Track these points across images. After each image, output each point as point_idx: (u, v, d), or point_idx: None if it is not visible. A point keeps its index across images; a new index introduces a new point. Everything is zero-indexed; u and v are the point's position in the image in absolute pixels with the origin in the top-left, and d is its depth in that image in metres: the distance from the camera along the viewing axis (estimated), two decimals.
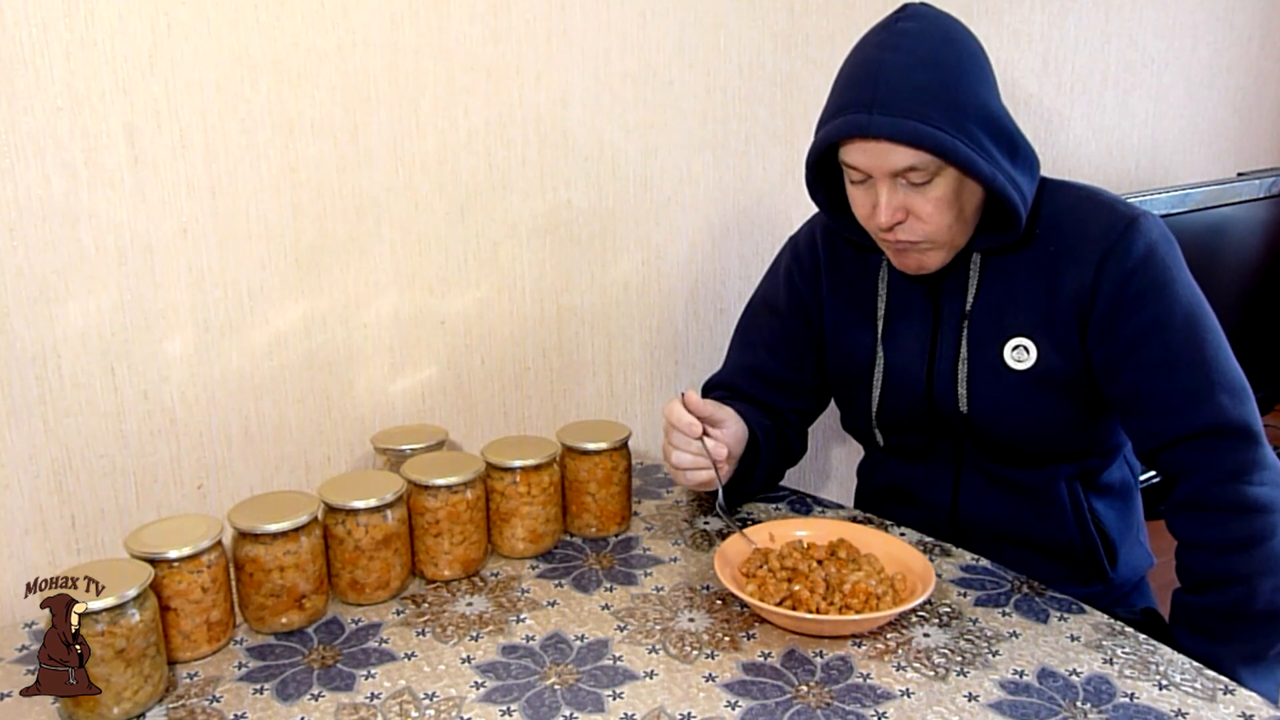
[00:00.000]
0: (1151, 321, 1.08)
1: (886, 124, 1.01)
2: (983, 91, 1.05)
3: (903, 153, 1.02)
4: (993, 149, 1.05)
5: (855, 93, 1.05)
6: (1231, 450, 1.07)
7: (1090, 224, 1.11)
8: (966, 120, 1.03)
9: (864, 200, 1.09)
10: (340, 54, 1.21)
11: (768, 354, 1.30)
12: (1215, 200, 1.84)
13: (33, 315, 1.08)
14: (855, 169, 1.07)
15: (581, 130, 1.42)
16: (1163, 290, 1.09)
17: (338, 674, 0.96)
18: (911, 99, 1.01)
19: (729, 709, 0.89)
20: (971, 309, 1.15)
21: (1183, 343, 1.08)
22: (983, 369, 1.15)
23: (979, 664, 0.96)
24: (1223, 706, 0.88)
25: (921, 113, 1.01)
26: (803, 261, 1.29)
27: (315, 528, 1.05)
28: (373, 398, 1.32)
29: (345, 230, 1.26)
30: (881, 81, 1.03)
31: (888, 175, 1.05)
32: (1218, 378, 1.09)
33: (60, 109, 1.06)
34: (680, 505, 1.33)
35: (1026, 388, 1.13)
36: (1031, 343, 1.13)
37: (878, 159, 1.04)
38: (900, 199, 1.06)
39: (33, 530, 1.12)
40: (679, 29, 1.48)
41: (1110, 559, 1.22)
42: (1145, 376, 1.09)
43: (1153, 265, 1.09)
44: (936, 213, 1.06)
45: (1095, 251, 1.09)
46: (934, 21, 1.06)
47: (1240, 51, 2.41)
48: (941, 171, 1.04)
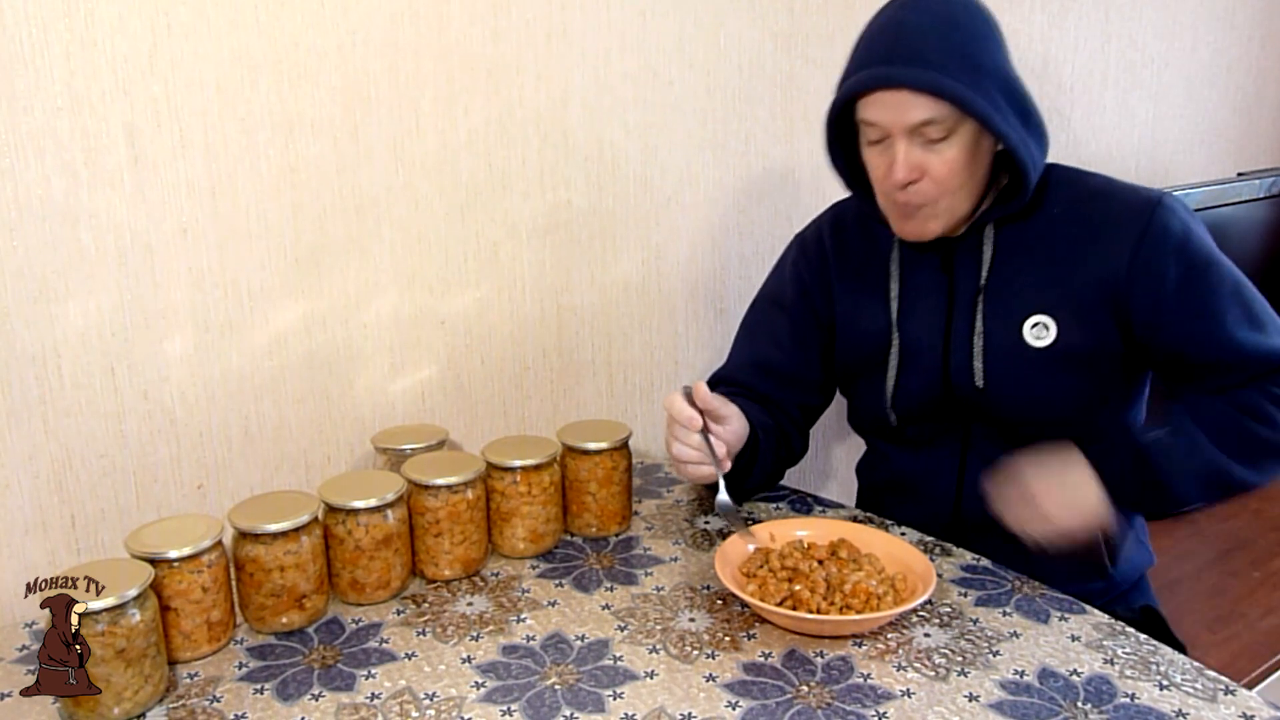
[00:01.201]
0: (1208, 292, 1.11)
1: (908, 74, 1.03)
2: (999, 56, 1.08)
3: (923, 104, 1.04)
4: (1006, 108, 1.07)
5: (877, 48, 1.07)
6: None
7: (1114, 205, 1.13)
8: (984, 79, 1.05)
9: (880, 160, 1.11)
10: (340, 54, 1.21)
11: (773, 348, 1.30)
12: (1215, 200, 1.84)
13: (33, 315, 1.08)
14: (874, 125, 1.08)
15: (581, 130, 1.42)
16: (1209, 267, 1.12)
17: (338, 674, 0.96)
18: (932, 51, 1.04)
19: (729, 709, 0.89)
20: (986, 283, 1.16)
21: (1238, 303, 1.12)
22: (1001, 345, 1.16)
23: (980, 664, 0.96)
24: (1223, 707, 0.88)
25: (941, 64, 1.03)
26: (809, 254, 1.30)
27: (315, 528, 1.05)
28: (373, 398, 1.32)
29: (345, 230, 1.26)
30: (903, 36, 1.05)
31: (905, 130, 1.06)
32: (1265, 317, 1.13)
33: (60, 109, 1.05)
34: (681, 505, 1.33)
35: (1046, 365, 1.14)
36: (1052, 320, 1.14)
37: (898, 112, 1.06)
38: (917, 157, 1.08)
39: (33, 530, 1.12)
40: (679, 29, 1.48)
41: (1111, 555, 1.22)
42: (1220, 338, 1.11)
43: (1192, 244, 1.11)
44: (950, 174, 1.08)
45: (1126, 234, 1.11)
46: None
47: (1240, 51, 2.41)
48: (958, 129, 1.06)
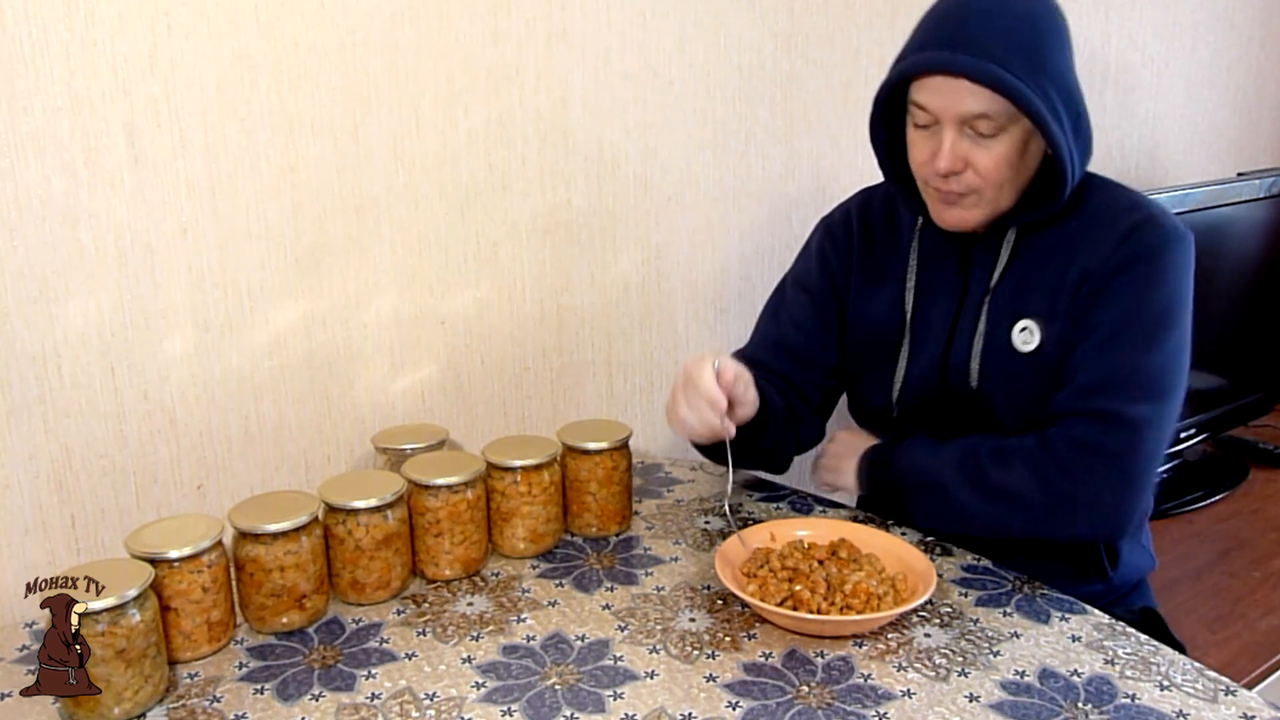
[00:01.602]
0: (1119, 313, 1.09)
1: (969, 63, 1.01)
2: (1063, 57, 1.06)
3: (980, 96, 1.02)
4: (1063, 114, 1.05)
5: (940, 30, 1.05)
6: (1102, 430, 1.07)
7: (1118, 216, 1.12)
8: (1044, 79, 1.03)
9: (925, 145, 1.09)
10: (340, 54, 1.21)
11: (796, 330, 1.30)
12: (1215, 200, 1.84)
13: (33, 315, 1.08)
14: (924, 109, 1.07)
15: (581, 130, 1.42)
16: (1145, 288, 1.09)
17: (338, 674, 0.96)
18: (997, 44, 1.01)
19: (730, 709, 0.89)
20: (996, 285, 1.16)
21: (1133, 340, 1.08)
22: (994, 347, 1.15)
23: (980, 664, 0.96)
24: (1224, 707, 0.88)
25: (1005, 59, 1.01)
26: (836, 237, 1.29)
27: (316, 528, 1.05)
28: (373, 397, 1.32)
29: (345, 230, 1.26)
30: (969, 22, 1.03)
31: (956, 120, 1.05)
32: (1142, 378, 1.08)
33: (60, 109, 1.05)
34: (681, 505, 1.33)
35: (1032, 369, 1.14)
36: (1037, 325, 1.13)
37: (952, 100, 1.04)
38: (964, 148, 1.06)
39: (33, 530, 1.12)
40: (679, 29, 1.48)
41: (1110, 558, 1.22)
42: (1081, 355, 1.10)
43: (1148, 262, 1.09)
44: (995, 169, 1.06)
45: (1108, 240, 1.10)
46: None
47: (1240, 51, 2.41)
48: (1009, 126, 1.04)
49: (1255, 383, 2.06)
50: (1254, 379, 2.06)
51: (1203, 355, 1.96)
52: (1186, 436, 1.89)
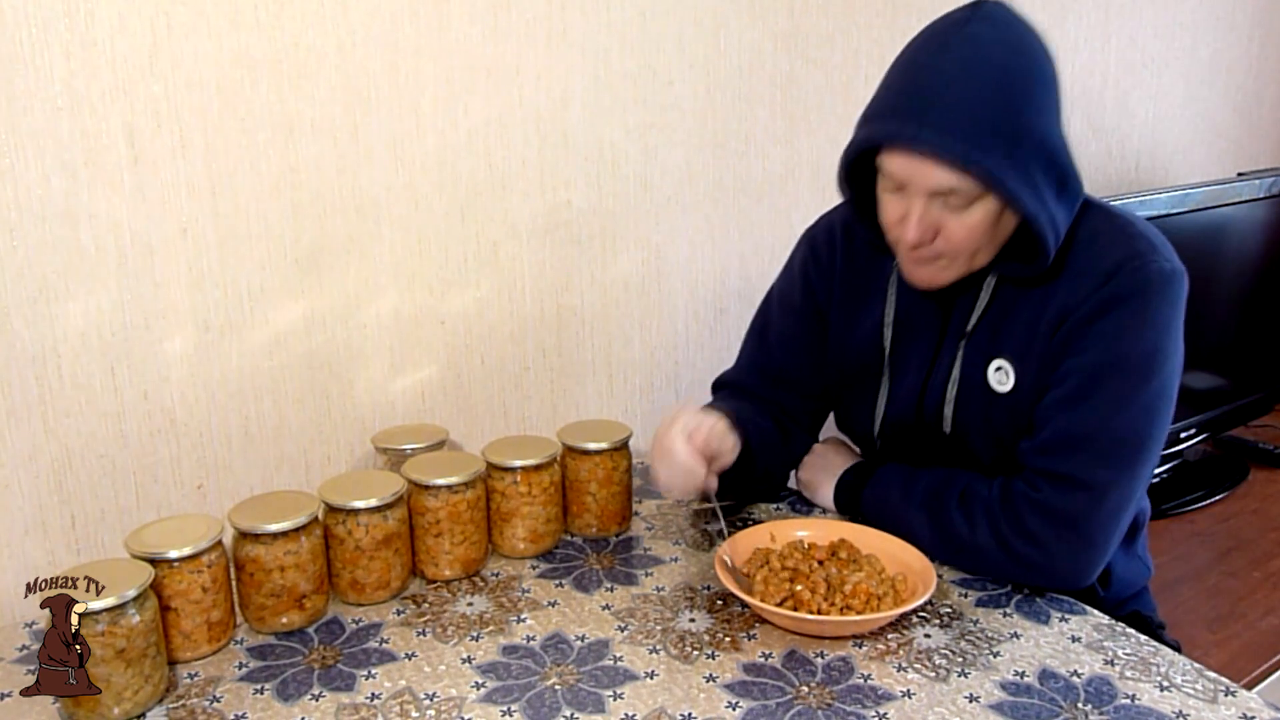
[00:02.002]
0: (1093, 361, 1.03)
1: (936, 141, 0.95)
2: (1044, 118, 0.98)
3: (947, 174, 0.96)
4: (1042, 182, 0.98)
5: (908, 97, 0.98)
6: (1061, 494, 1.03)
7: (1103, 252, 1.05)
8: (1021, 149, 0.96)
9: (894, 208, 1.03)
10: (340, 54, 1.21)
11: (783, 353, 1.28)
12: (1215, 200, 1.84)
13: (33, 315, 1.08)
14: (892, 177, 1.01)
15: (581, 130, 1.42)
16: (1124, 334, 1.03)
17: (338, 674, 0.96)
18: (968, 117, 0.94)
19: (730, 709, 0.89)
20: (973, 329, 1.12)
21: (1104, 394, 1.03)
22: (970, 389, 1.12)
23: (980, 665, 0.96)
24: (1224, 708, 0.88)
25: (975, 135, 0.94)
26: (819, 253, 1.25)
27: (316, 528, 1.05)
28: (373, 398, 1.32)
29: (345, 230, 1.26)
30: (940, 91, 0.96)
31: (924, 192, 0.99)
32: (1107, 441, 1.03)
33: (60, 109, 1.05)
34: (681, 505, 1.33)
35: (1008, 410, 1.10)
36: (1011, 366, 1.09)
37: (919, 173, 0.98)
38: (934, 217, 1.00)
39: (33, 530, 1.12)
40: (679, 29, 1.48)
41: (1102, 579, 1.18)
42: (1050, 407, 1.05)
43: (1129, 305, 1.02)
44: (968, 238, 1.01)
45: (1090, 279, 1.04)
46: (1009, 28, 0.98)
47: (1240, 51, 2.41)
48: (982, 198, 0.98)
49: (1255, 383, 2.06)
50: (1254, 379, 2.06)
51: (1203, 355, 1.97)
52: (1186, 436, 1.89)
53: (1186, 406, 1.90)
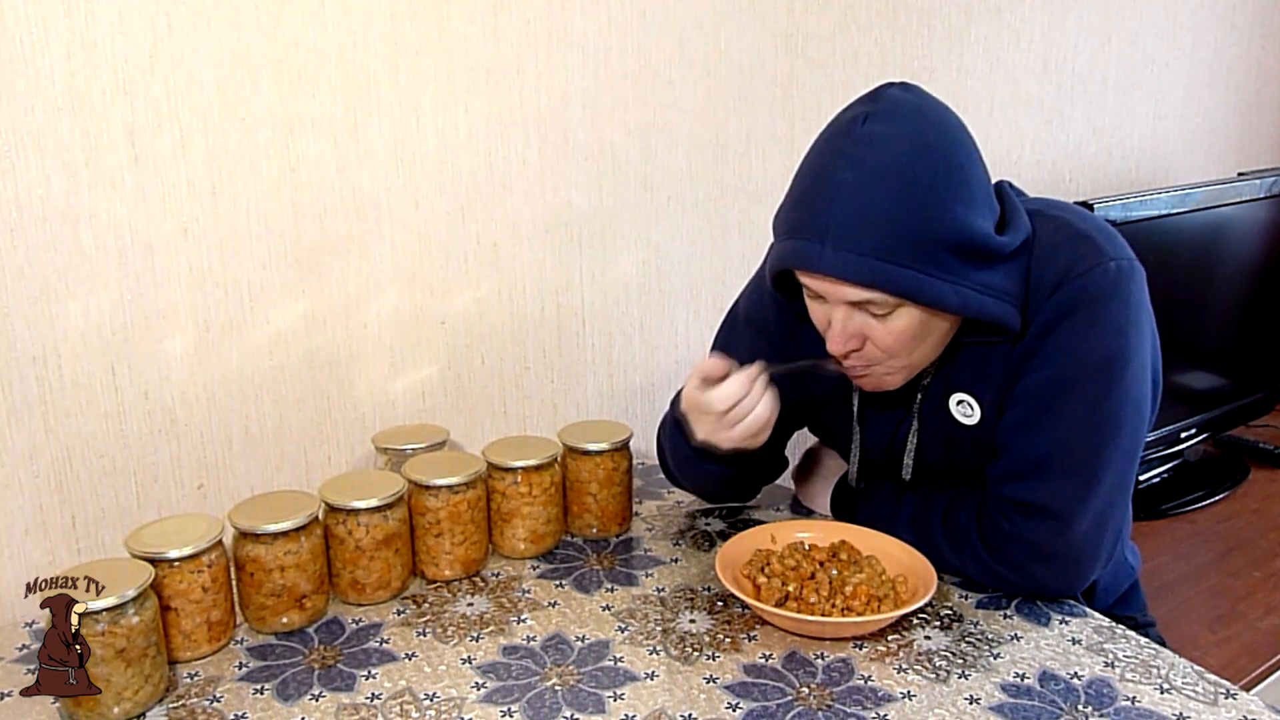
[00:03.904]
0: (1048, 378, 1.00)
1: (839, 260, 0.91)
2: (959, 209, 0.92)
3: (857, 290, 0.93)
4: (965, 269, 0.93)
5: (809, 214, 0.94)
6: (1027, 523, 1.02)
7: (1047, 268, 1.00)
8: (935, 248, 0.91)
9: (819, 315, 1.01)
10: (340, 54, 1.21)
11: None
12: (1215, 200, 1.83)
13: (33, 315, 1.08)
14: (810, 290, 0.99)
15: (581, 130, 1.42)
16: (1078, 344, 0.99)
17: (338, 674, 0.96)
18: (870, 231, 0.90)
19: (730, 710, 0.89)
20: (930, 381, 1.08)
21: (1060, 410, 1.00)
22: (932, 430, 1.10)
23: (980, 666, 0.96)
24: (1224, 710, 0.88)
25: (881, 247, 0.90)
26: None
27: (316, 528, 1.05)
28: (373, 398, 1.32)
29: (345, 230, 1.26)
30: (837, 207, 0.91)
31: (842, 303, 0.96)
32: (1067, 459, 1.00)
33: (60, 109, 1.05)
34: (681, 506, 1.33)
35: (972, 443, 1.07)
36: (972, 397, 1.06)
37: (831, 290, 0.95)
38: (857, 325, 0.97)
39: (33, 530, 1.12)
40: (679, 29, 1.48)
41: (1086, 593, 1.17)
42: (1007, 431, 1.03)
43: (1079, 314, 0.98)
44: (897, 344, 0.97)
45: (1040, 298, 0.99)
46: (908, 122, 0.93)
47: (1241, 51, 2.40)
48: (903, 304, 0.95)
49: (1255, 383, 2.06)
50: (1254, 379, 2.06)
51: (1203, 355, 1.97)
52: (1187, 436, 1.89)
53: (1186, 406, 1.90)
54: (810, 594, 1.01)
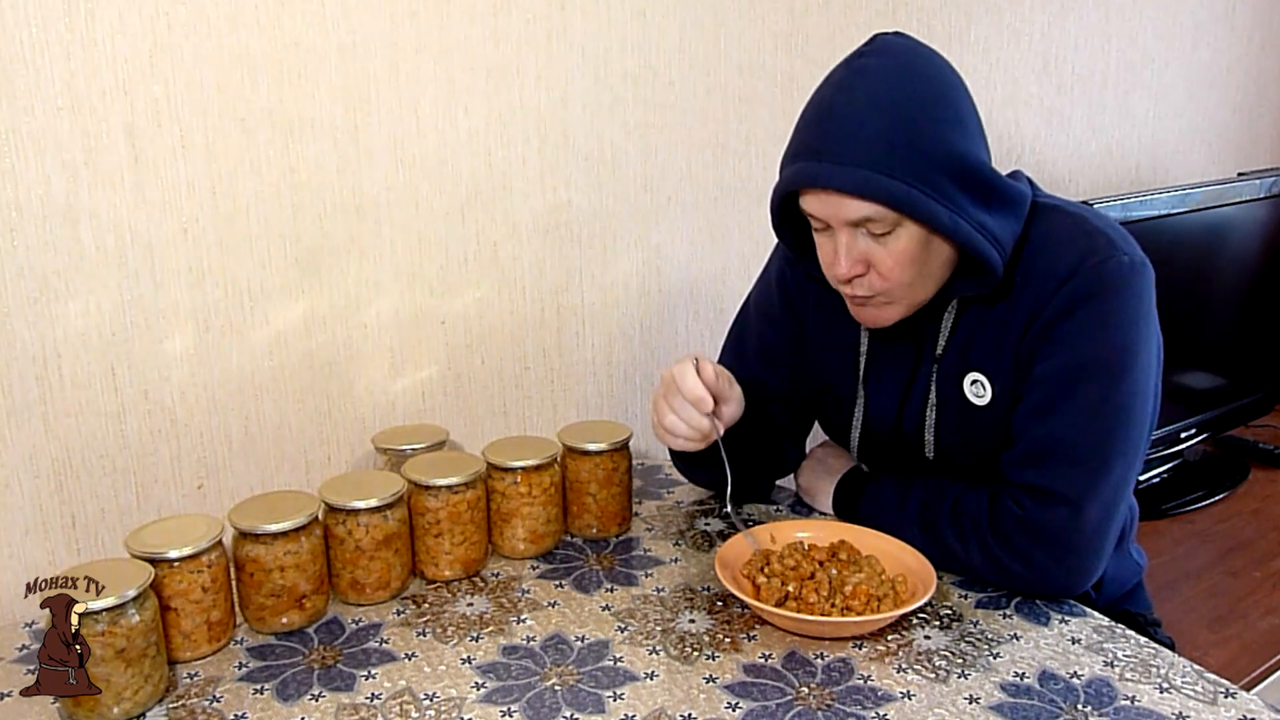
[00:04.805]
0: (1063, 366, 1.02)
1: (835, 174, 0.96)
2: (952, 134, 0.97)
3: (856, 204, 0.97)
4: (961, 198, 0.97)
5: (808, 138, 0.99)
6: (1040, 508, 1.03)
7: (1061, 256, 1.03)
8: (929, 168, 0.95)
9: (826, 247, 1.04)
10: (340, 54, 1.21)
11: (763, 366, 1.26)
12: (1215, 200, 1.83)
13: (33, 315, 1.08)
14: (814, 217, 1.02)
15: (581, 130, 1.42)
16: (1092, 333, 1.01)
17: (338, 674, 0.96)
18: (864, 146, 0.95)
19: (729, 710, 0.89)
20: (943, 352, 1.10)
21: (1076, 399, 1.02)
22: (947, 410, 1.11)
23: (980, 666, 0.96)
24: (1224, 710, 0.88)
25: (875, 161, 0.95)
26: (796, 265, 1.23)
27: (316, 528, 1.05)
28: (373, 398, 1.32)
29: (345, 230, 1.26)
30: (833, 126, 0.97)
31: (845, 225, 0.99)
32: (1082, 446, 1.02)
33: (60, 109, 1.05)
34: (681, 506, 1.33)
35: (986, 425, 1.09)
36: (986, 379, 1.08)
37: (832, 209, 0.99)
38: (861, 249, 1.00)
39: (33, 530, 1.12)
40: (679, 29, 1.48)
41: (1094, 585, 1.17)
42: (1022, 417, 1.05)
43: (1093, 304, 1.01)
44: (897, 267, 1.00)
45: (1050, 281, 1.02)
46: (899, 55, 0.99)
47: (1241, 51, 2.41)
48: (903, 223, 0.98)
49: (1255, 383, 2.06)
50: (1254, 379, 2.06)
51: (1203, 355, 1.97)
52: (1186, 436, 1.89)
53: (1186, 406, 1.90)
54: (810, 594, 1.01)
